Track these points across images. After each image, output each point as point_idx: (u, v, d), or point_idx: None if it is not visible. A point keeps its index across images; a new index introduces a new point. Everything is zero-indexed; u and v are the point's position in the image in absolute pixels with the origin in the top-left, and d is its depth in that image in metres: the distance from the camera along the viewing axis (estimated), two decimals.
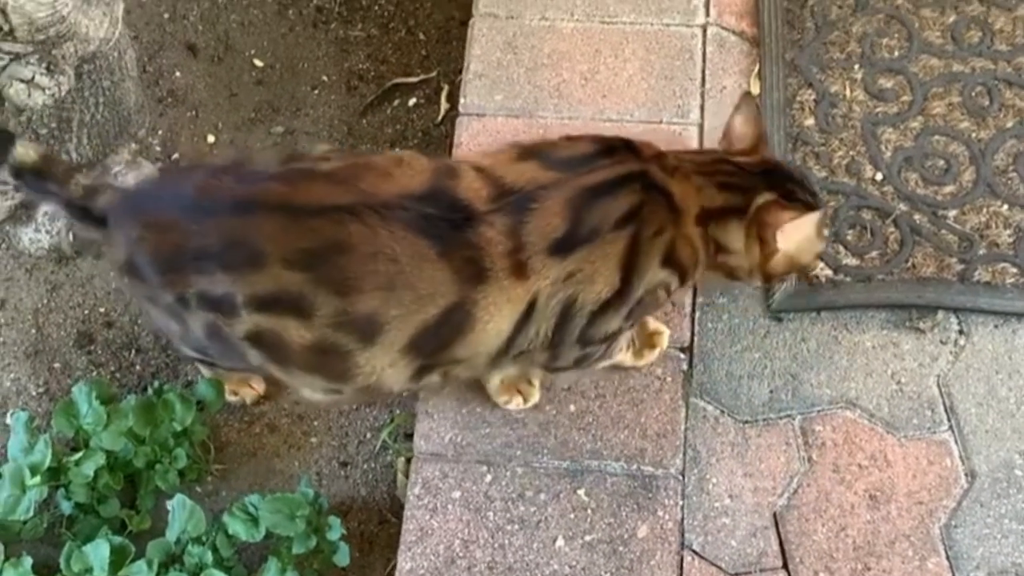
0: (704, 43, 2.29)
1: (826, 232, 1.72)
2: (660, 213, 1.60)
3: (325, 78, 2.61)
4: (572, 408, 1.96)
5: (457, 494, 1.89)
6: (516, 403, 1.92)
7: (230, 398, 2.11)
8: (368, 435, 2.18)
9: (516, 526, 1.87)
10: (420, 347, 1.59)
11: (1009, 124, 2.12)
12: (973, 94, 2.17)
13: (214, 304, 1.59)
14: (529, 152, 1.63)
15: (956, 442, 1.90)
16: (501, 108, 2.22)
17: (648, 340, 1.93)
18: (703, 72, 2.25)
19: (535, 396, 1.93)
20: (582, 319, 1.62)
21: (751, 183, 1.66)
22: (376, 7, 2.73)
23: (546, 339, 1.64)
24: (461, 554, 1.84)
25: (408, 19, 2.70)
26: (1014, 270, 1.98)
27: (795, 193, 1.67)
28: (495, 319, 1.58)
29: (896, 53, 2.22)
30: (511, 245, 1.54)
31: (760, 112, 1.70)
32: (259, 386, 2.13)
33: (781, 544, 1.84)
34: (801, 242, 1.68)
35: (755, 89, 2.20)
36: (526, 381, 1.91)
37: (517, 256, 1.54)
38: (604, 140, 1.66)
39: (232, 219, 1.57)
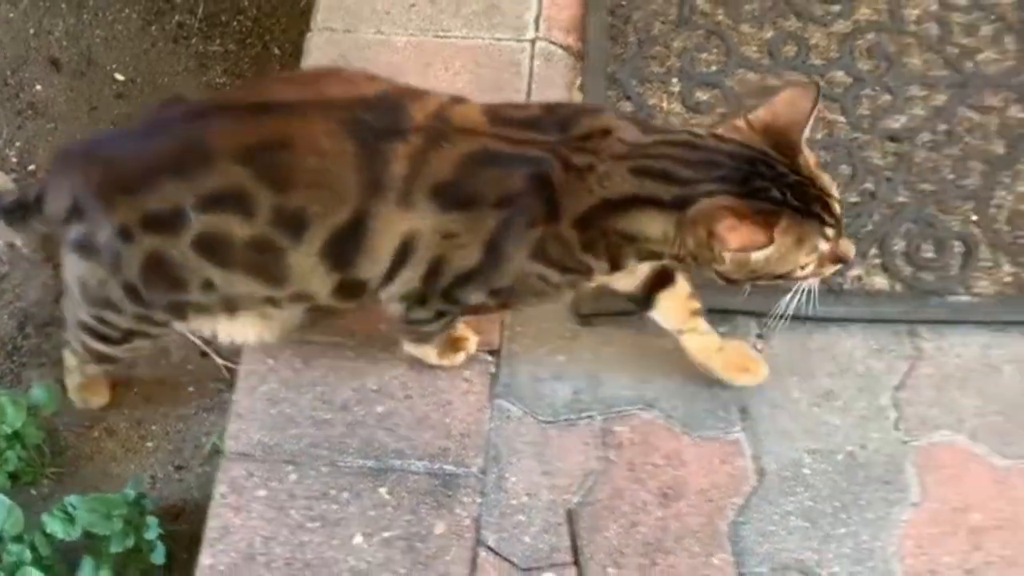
0: (532, 57, 2.35)
1: (819, 245, 1.58)
2: (536, 208, 1.57)
3: (184, 92, 2.66)
4: (380, 409, 2.01)
5: (262, 493, 1.94)
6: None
7: (79, 405, 2.15)
8: (203, 439, 2.23)
9: (317, 524, 1.91)
10: (333, 255, 1.61)
11: (818, 136, 2.18)
12: None
13: (161, 224, 1.60)
14: (490, 107, 1.65)
15: (748, 442, 1.95)
16: None
17: (454, 343, 1.96)
18: (529, 85, 2.32)
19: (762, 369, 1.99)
20: (447, 279, 1.65)
21: (699, 174, 1.54)
22: (235, 23, 2.79)
23: (415, 288, 1.67)
24: (261, 551, 1.88)
25: (264, 34, 2.77)
26: None
27: (765, 192, 1.52)
28: (381, 241, 1.60)
29: (714, 67, 2.29)
30: (408, 171, 1.55)
31: (817, 101, 1.56)
32: (105, 394, 2.20)
33: (573, 540, 1.89)
34: (752, 248, 1.51)
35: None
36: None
37: (408, 184, 1.55)
38: (552, 109, 1.66)
39: (185, 126, 1.62)
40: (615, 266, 1.67)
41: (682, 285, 1.88)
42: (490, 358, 2.05)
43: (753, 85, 2.23)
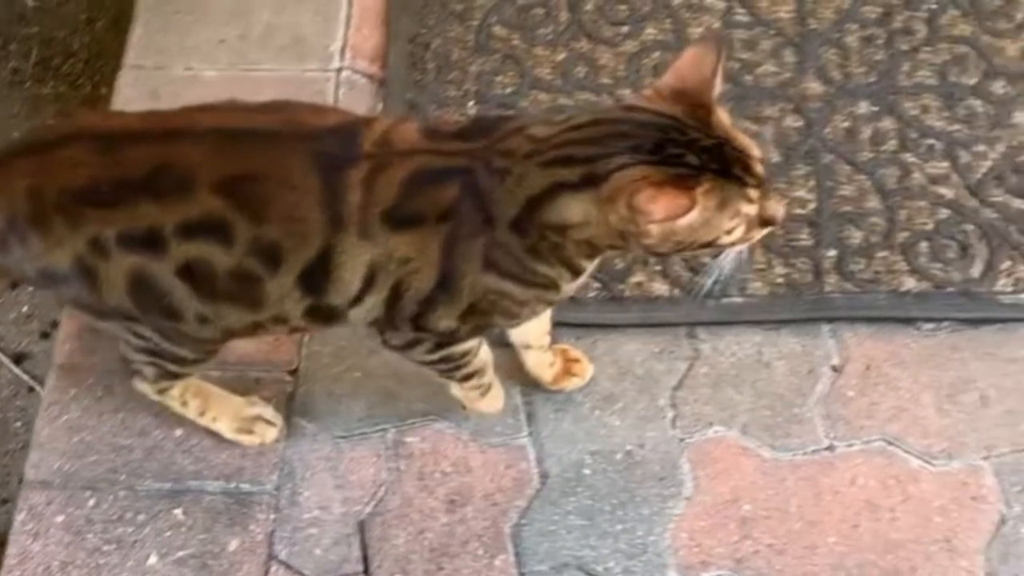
0: (337, 86, 2.43)
1: (742, 208, 1.47)
2: (472, 217, 1.52)
3: (17, 134, 2.71)
4: (178, 432, 2.07)
5: (60, 519, 1.99)
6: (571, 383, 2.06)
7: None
8: None
9: (113, 546, 1.97)
10: (307, 285, 1.60)
11: None
12: None
13: (139, 243, 1.56)
14: (427, 124, 1.64)
15: (532, 446, 2.03)
16: None
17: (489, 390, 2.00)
18: None
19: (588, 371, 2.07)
20: (410, 305, 1.62)
21: (606, 149, 1.44)
22: (66, 66, 2.85)
23: (381, 315, 1.67)
24: (58, 575, 1.93)
25: (94, 75, 2.83)
26: (597, 285, 2.12)
27: (680, 158, 1.42)
28: (348, 274, 1.58)
29: (509, 89, 2.38)
30: (362, 200, 1.53)
31: (721, 54, 1.46)
32: None
33: (364, 550, 1.95)
34: (676, 216, 1.40)
35: None
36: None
37: (364, 213, 1.53)
38: (479, 118, 1.70)
39: (159, 146, 1.57)
40: (571, 269, 1.59)
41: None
42: (288, 378, 2.12)
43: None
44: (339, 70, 2.46)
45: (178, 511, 2.00)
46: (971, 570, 1.90)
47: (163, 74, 2.47)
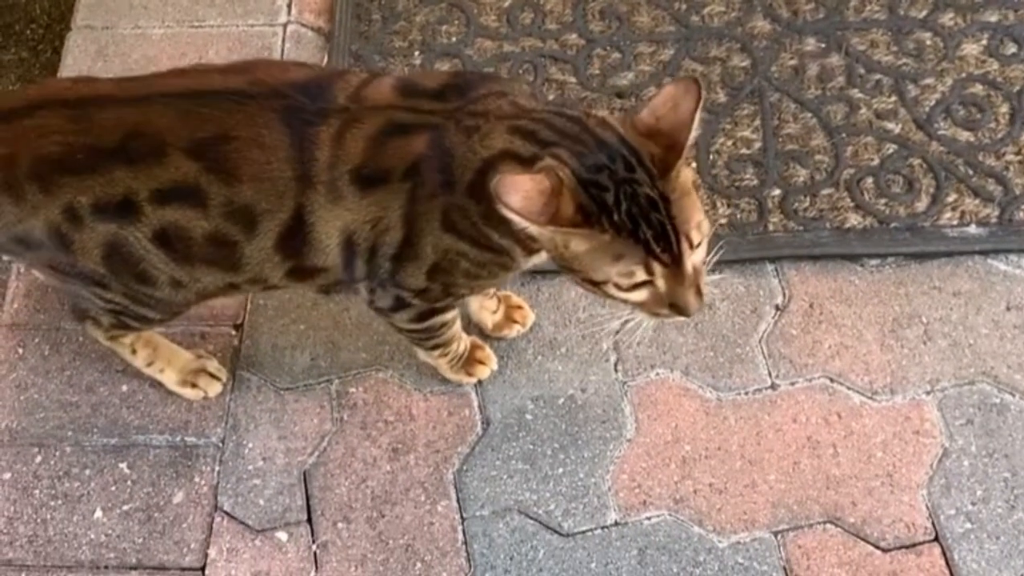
0: (284, 41, 2.42)
1: (637, 272, 1.41)
2: (434, 175, 1.49)
3: None
4: (124, 388, 2.08)
5: (8, 476, 2.01)
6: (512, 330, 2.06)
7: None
8: None
9: (59, 501, 1.98)
10: (285, 248, 1.58)
11: (550, 96, 2.27)
12: (520, 71, 2.31)
13: (114, 210, 1.55)
14: (402, 79, 1.59)
15: (476, 393, 2.03)
16: None
17: (468, 364, 2.03)
18: None
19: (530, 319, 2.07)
20: (386, 263, 1.61)
21: (562, 142, 1.41)
22: (28, 31, 2.86)
23: (365, 270, 1.64)
24: (4, 530, 1.96)
25: (54, 40, 2.83)
26: None
27: (601, 190, 1.38)
28: (324, 236, 1.56)
29: (454, 39, 2.37)
30: (330, 157, 1.50)
31: (700, 100, 1.37)
32: None
33: (307, 499, 1.96)
34: (516, 209, 1.35)
35: None
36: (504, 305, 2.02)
37: (332, 172, 1.50)
38: (459, 75, 1.61)
39: (130, 111, 1.54)
40: (522, 245, 1.53)
41: None
42: (233, 332, 2.12)
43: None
44: (285, 24, 2.46)
45: (124, 465, 2.01)
46: (913, 504, 1.88)
47: (111, 33, 2.47)
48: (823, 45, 2.28)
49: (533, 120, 1.45)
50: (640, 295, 1.44)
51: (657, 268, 1.39)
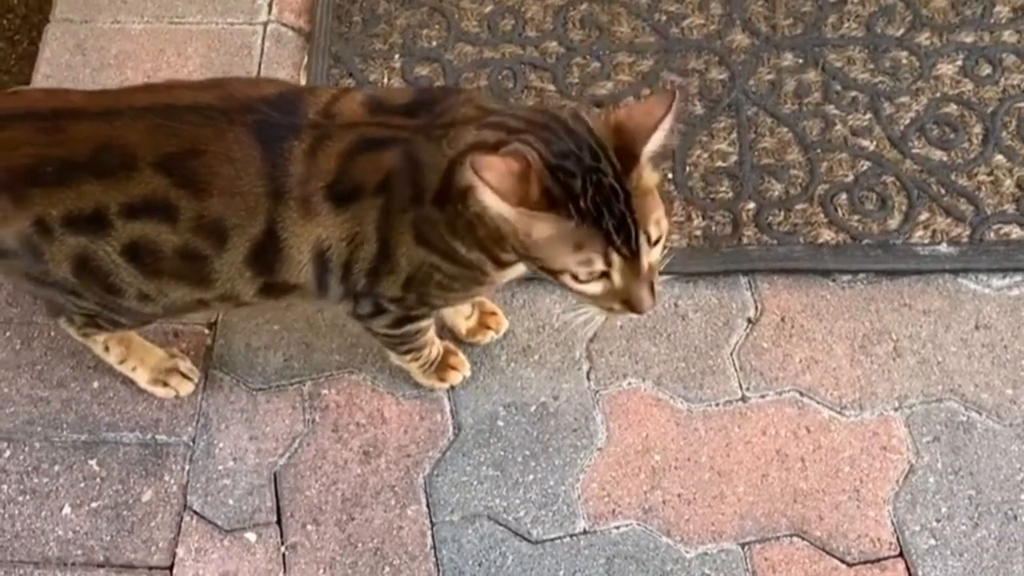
0: (263, 39, 2.42)
1: (595, 262, 1.42)
2: (404, 188, 1.50)
3: None
4: (96, 384, 2.07)
5: None
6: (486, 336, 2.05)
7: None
8: None
9: (28, 497, 1.97)
10: (257, 263, 1.58)
11: (529, 104, 2.27)
12: (500, 77, 2.32)
13: (84, 223, 1.55)
14: (372, 96, 1.58)
15: (448, 398, 2.03)
16: None
17: (441, 369, 2.03)
18: (259, 67, 2.38)
19: (503, 325, 2.07)
20: (362, 277, 1.61)
21: (528, 130, 1.43)
22: (4, 21, 2.84)
23: (340, 288, 1.64)
24: None
25: (31, 31, 2.81)
26: None
27: (568, 175, 1.39)
28: (296, 252, 1.56)
29: (435, 43, 2.37)
30: (304, 172, 1.50)
31: (671, 110, 1.39)
32: None
33: (277, 500, 1.96)
34: (490, 185, 1.35)
35: (303, 82, 2.33)
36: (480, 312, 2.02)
37: (305, 187, 1.50)
38: (426, 91, 1.62)
39: (101, 125, 1.54)
40: (491, 256, 1.55)
41: None
42: (206, 331, 2.12)
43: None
44: (266, 23, 2.45)
45: (93, 462, 2.01)
46: (879, 519, 1.90)
47: (90, 27, 2.46)
48: (800, 60, 2.30)
49: (500, 115, 1.47)
50: (595, 287, 1.45)
51: (615, 259, 1.41)
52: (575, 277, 1.44)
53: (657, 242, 1.43)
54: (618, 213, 1.38)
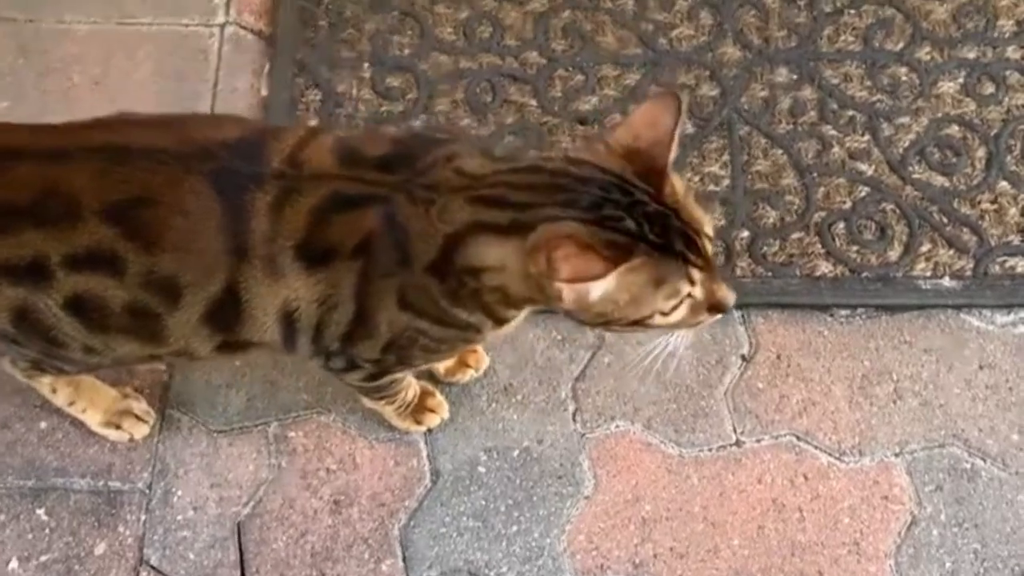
0: (221, 43, 2.25)
1: (681, 288, 1.34)
2: (388, 253, 1.39)
3: None
4: (43, 425, 1.93)
5: None
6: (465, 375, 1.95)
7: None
8: None
9: None
10: (215, 322, 1.46)
11: (509, 120, 2.13)
12: (478, 90, 2.17)
13: (23, 274, 1.43)
14: (341, 143, 1.45)
15: (425, 442, 1.90)
16: (7, 115, 2.15)
17: (417, 412, 1.91)
18: (217, 72, 2.22)
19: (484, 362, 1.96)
20: (335, 341, 1.51)
21: (540, 198, 1.33)
22: None
23: (311, 347, 1.54)
24: None
25: None
26: None
27: (617, 221, 1.30)
28: (260, 313, 1.45)
29: (407, 51, 2.22)
30: (269, 230, 1.38)
31: (680, 114, 1.33)
32: None
33: (241, 554, 1.83)
34: (584, 279, 1.27)
35: (265, 91, 2.17)
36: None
37: (271, 246, 1.39)
38: (402, 142, 1.47)
39: (45, 167, 1.42)
40: (493, 317, 1.47)
41: None
42: (163, 367, 1.96)
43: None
44: (223, 25, 2.30)
45: (41, 511, 1.87)
46: (880, 574, 1.80)
47: (34, 27, 2.28)
48: (795, 76, 2.18)
49: (490, 186, 1.36)
50: (681, 311, 1.38)
51: (696, 275, 1.34)
52: (662, 313, 1.36)
53: (711, 237, 1.37)
54: (678, 230, 1.31)
